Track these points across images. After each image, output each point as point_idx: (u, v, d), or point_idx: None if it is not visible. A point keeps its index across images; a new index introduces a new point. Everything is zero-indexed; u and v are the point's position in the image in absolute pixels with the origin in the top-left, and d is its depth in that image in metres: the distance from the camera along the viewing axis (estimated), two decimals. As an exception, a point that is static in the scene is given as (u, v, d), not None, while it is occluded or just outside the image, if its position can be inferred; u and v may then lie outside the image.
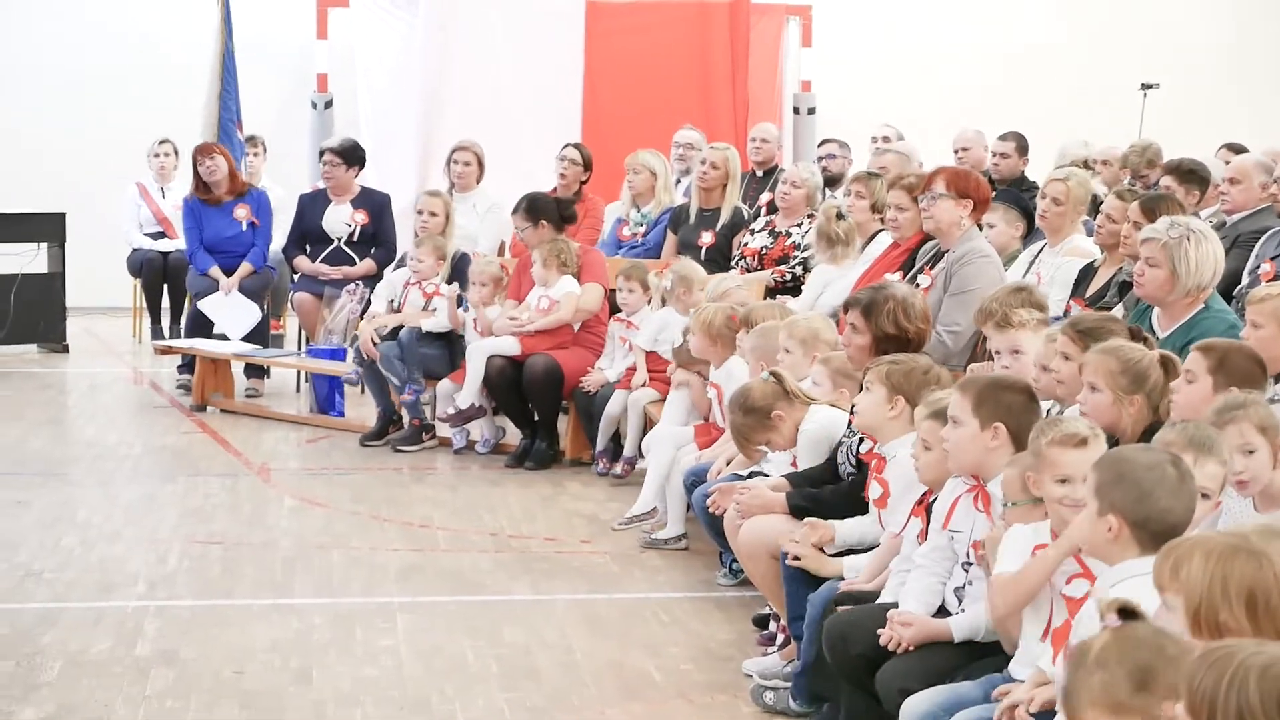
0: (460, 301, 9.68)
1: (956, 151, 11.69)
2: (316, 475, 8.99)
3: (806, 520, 5.44)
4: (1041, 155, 11.44)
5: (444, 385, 9.44)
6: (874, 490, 5.25)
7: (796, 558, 5.32)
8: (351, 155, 11.25)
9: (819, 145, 12.13)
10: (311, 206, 11.37)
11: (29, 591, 6.55)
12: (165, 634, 6.06)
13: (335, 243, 11.17)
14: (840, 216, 8.54)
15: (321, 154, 11.39)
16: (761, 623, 6.18)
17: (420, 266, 9.79)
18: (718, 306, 7.49)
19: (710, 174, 10.13)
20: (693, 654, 6.02)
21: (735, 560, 6.72)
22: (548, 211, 9.50)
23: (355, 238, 11.14)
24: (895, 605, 4.65)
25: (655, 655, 5.98)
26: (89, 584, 6.70)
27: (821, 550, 5.35)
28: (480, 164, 11.06)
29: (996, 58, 15.94)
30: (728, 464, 6.64)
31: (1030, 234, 8.39)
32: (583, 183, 10.71)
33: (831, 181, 10.94)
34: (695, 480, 6.81)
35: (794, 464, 6.09)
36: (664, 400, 8.23)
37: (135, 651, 5.85)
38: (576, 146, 10.87)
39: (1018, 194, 9.11)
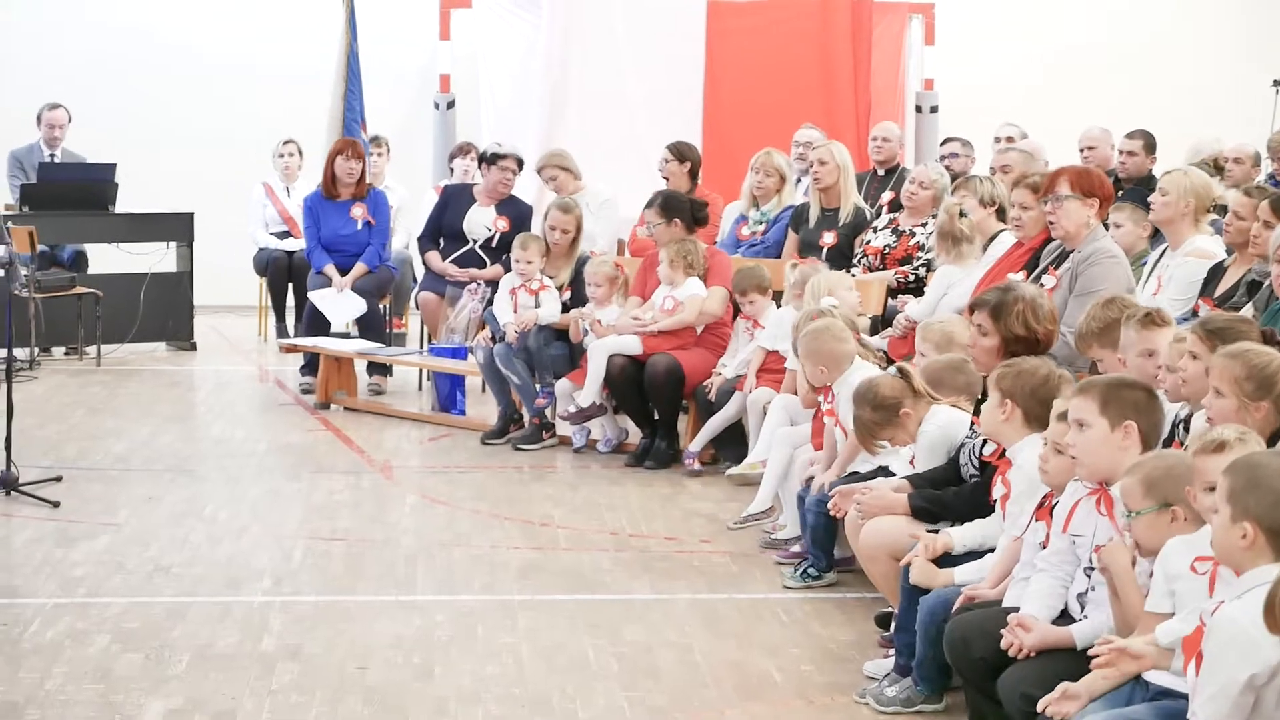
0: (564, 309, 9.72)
1: (1082, 150, 11.54)
2: (438, 473, 9.06)
3: (923, 537, 5.39)
4: (1170, 154, 11.27)
5: (563, 384, 9.47)
6: (998, 489, 5.21)
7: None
8: (521, 164, 11.29)
9: (941, 144, 12.03)
10: (455, 202, 11.34)
11: (158, 586, 6.66)
12: (290, 629, 6.13)
13: (470, 244, 11.21)
14: (963, 215, 8.46)
15: (491, 157, 11.22)
16: (883, 623, 6.14)
17: (526, 268, 9.80)
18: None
19: (821, 171, 10.09)
20: (813, 655, 5.99)
21: (812, 565, 6.73)
22: (681, 211, 9.50)
23: (493, 243, 11.16)
24: (1017, 609, 4.60)
25: (775, 656, 5.96)
26: (216, 579, 6.80)
27: (936, 562, 5.31)
28: (567, 170, 11.04)
29: (1123, 54, 15.74)
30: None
31: (1157, 234, 8.26)
32: (694, 183, 10.67)
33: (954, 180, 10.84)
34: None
35: (911, 461, 6.07)
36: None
37: (261, 646, 5.92)
38: (672, 147, 10.82)
39: (1144, 193, 8.97)
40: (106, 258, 13.24)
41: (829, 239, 9.95)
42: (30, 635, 5.95)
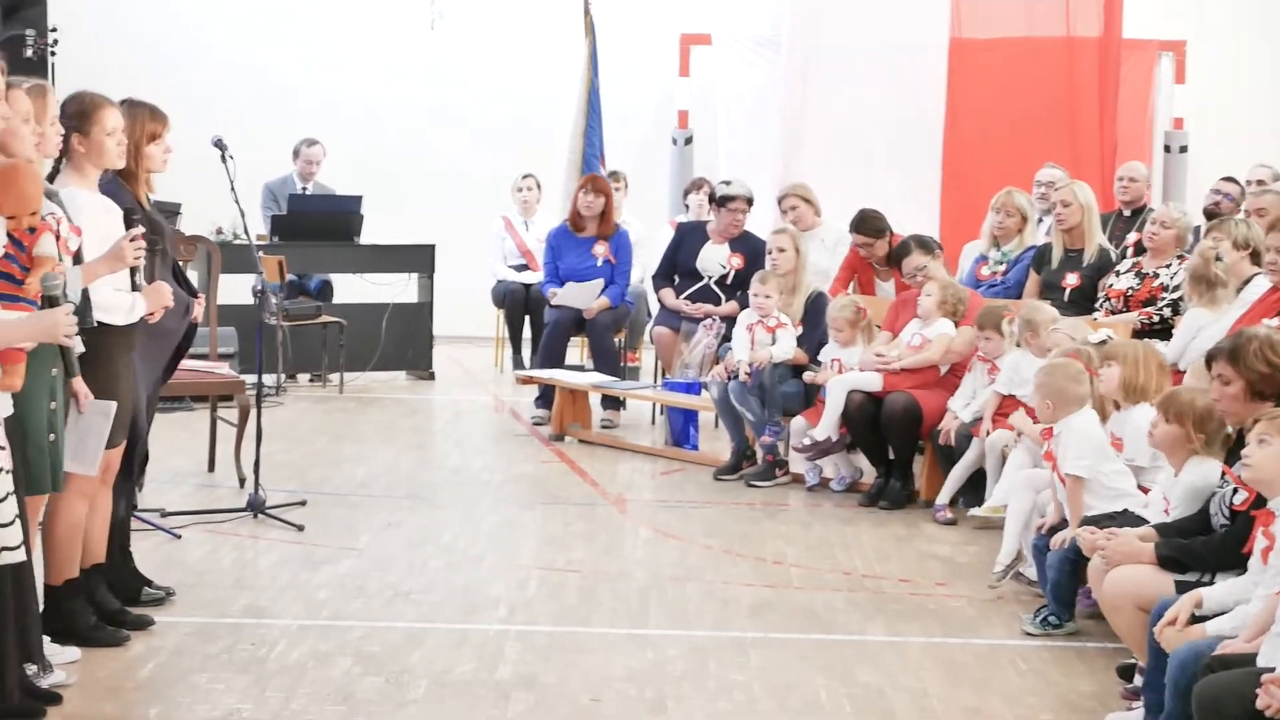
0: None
1: (1338, 192, 11.15)
2: (670, 507, 9.08)
3: (1179, 606, 5.21)
4: None
5: (797, 422, 9.43)
6: (1259, 542, 5.03)
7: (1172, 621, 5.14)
8: (751, 203, 11.34)
9: (1221, 180, 11.53)
10: (689, 239, 11.42)
11: (398, 611, 6.77)
12: (525, 659, 6.18)
13: (705, 280, 11.25)
14: (1218, 259, 8.25)
15: (721, 199, 11.30)
16: (1126, 674, 5.98)
17: (764, 302, 9.79)
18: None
19: (1065, 212, 9.92)
20: (1052, 704, 5.86)
21: (1053, 613, 6.57)
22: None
23: (728, 279, 11.18)
24: (1272, 670, 4.44)
25: (1013, 704, 5.84)
26: (453, 606, 6.89)
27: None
28: (809, 202, 11.05)
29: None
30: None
31: None
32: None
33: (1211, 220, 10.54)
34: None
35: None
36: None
37: (496, 674, 5.98)
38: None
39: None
40: (351, 288, 13.57)
41: (1072, 280, 9.78)
42: (276, 655, 6.09)
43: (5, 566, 4.71)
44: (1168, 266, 9.28)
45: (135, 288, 5.93)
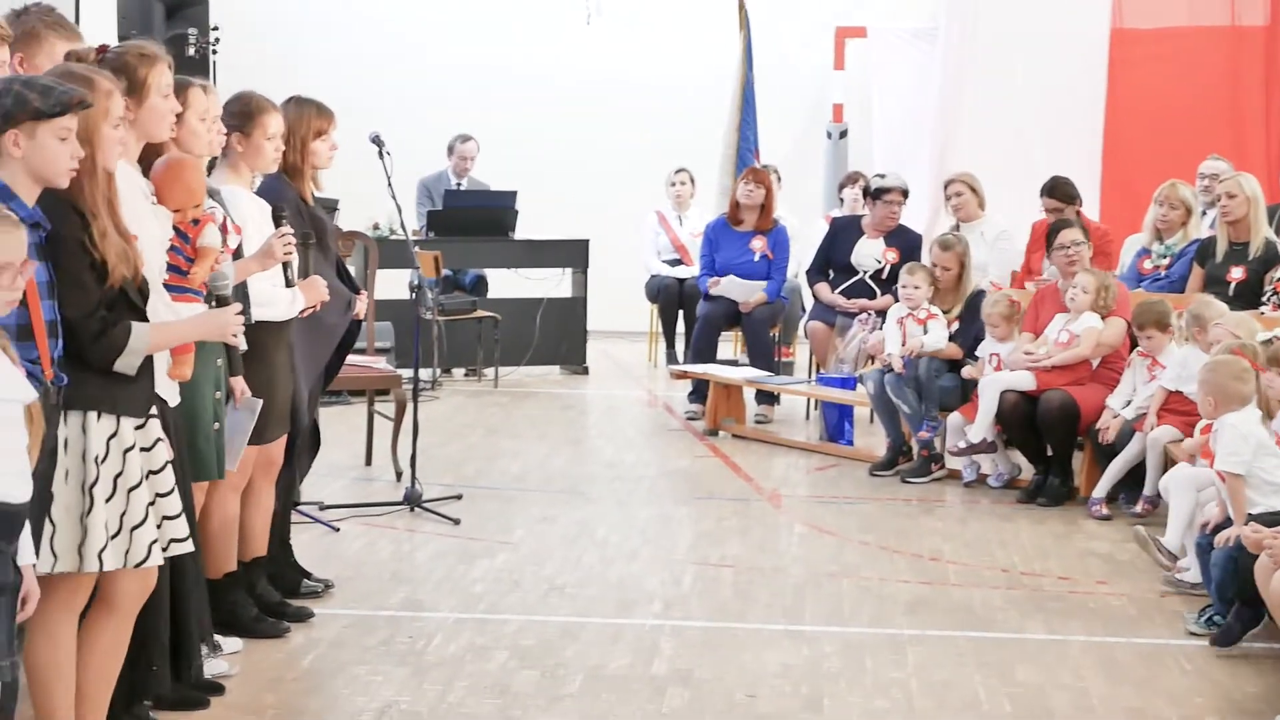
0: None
1: None
2: (825, 503, 9.02)
3: None
4: None
5: (954, 418, 9.33)
6: None
7: None
8: (906, 195, 11.26)
9: None
10: (844, 234, 11.37)
11: (553, 605, 6.79)
12: (680, 654, 6.17)
13: (860, 275, 11.18)
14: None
15: (876, 192, 11.25)
16: (1294, 678, 5.85)
17: (914, 294, 9.70)
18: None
19: (1230, 204, 9.71)
20: (1218, 706, 5.74)
21: (1217, 613, 6.42)
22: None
23: (883, 274, 11.11)
24: None
25: (1178, 705, 5.72)
26: (609, 600, 6.90)
27: None
28: (975, 192, 10.95)
29: None
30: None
31: None
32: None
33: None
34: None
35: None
36: (1184, 439, 7.91)
37: (652, 669, 5.97)
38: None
39: None
40: (505, 283, 13.66)
41: (1237, 274, 9.57)
42: (433, 649, 6.14)
43: (178, 557, 4.79)
44: (1337, 258, 9.06)
45: (288, 283, 5.99)
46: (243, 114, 6.09)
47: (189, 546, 4.66)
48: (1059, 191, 10.56)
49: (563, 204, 14.57)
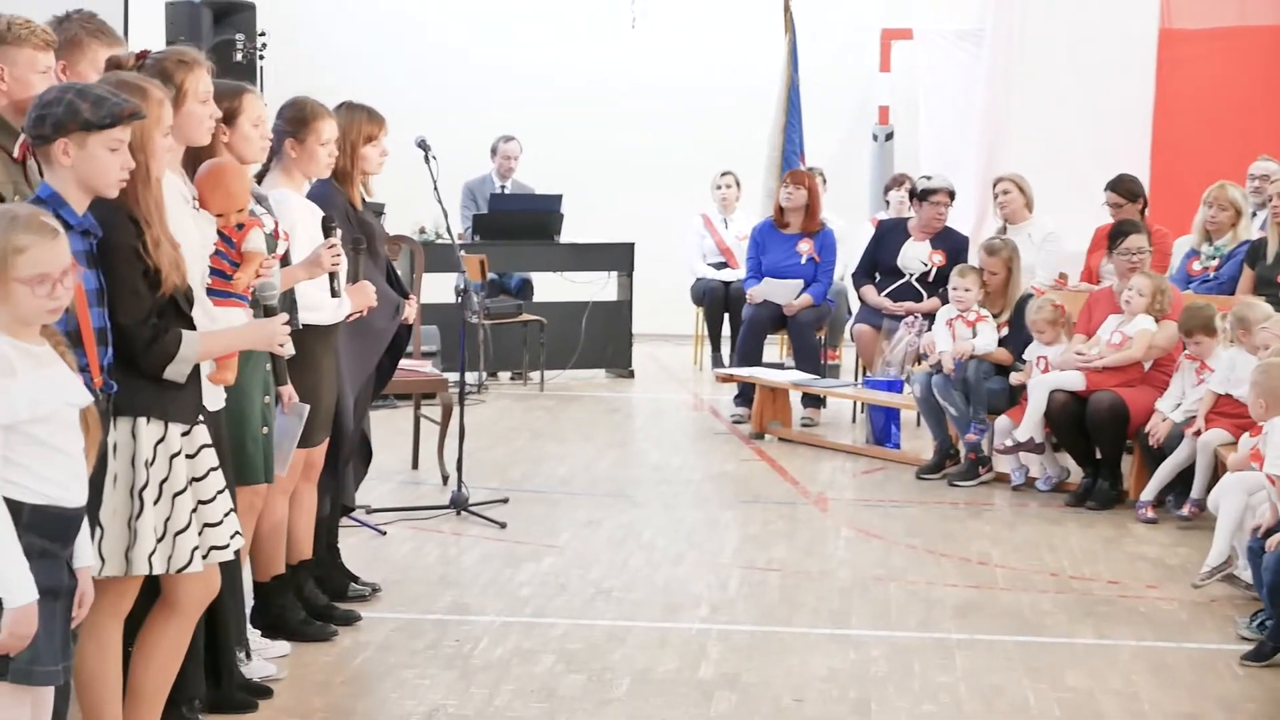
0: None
1: None
2: (872, 507, 8.99)
3: None
4: None
5: (1002, 421, 9.28)
6: None
7: None
8: (953, 196, 11.23)
9: None
10: (890, 237, 11.35)
11: (600, 609, 6.79)
12: (727, 657, 6.16)
13: (906, 277, 11.15)
14: None
15: (923, 193, 11.22)
16: (1347, 684, 5.79)
17: (964, 296, 9.66)
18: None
19: (1280, 205, 9.64)
20: (1271, 712, 5.69)
21: (1269, 617, 6.35)
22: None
23: (929, 277, 11.08)
24: None
25: (1230, 711, 5.68)
26: (655, 604, 6.89)
27: None
28: (1023, 192, 10.91)
29: None
30: None
31: None
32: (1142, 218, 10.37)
33: None
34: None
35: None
36: (1235, 443, 7.85)
37: (699, 673, 5.96)
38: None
39: None
40: (551, 286, 13.67)
41: (1289, 275, 9.49)
42: (480, 652, 6.14)
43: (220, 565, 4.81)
44: (1388, 260, 8.97)
45: (334, 293, 6.00)
46: (297, 120, 6.11)
47: (229, 554, 4.67)
48: (1122, 187, 10.53)
49: (608, 207, 14.56)
